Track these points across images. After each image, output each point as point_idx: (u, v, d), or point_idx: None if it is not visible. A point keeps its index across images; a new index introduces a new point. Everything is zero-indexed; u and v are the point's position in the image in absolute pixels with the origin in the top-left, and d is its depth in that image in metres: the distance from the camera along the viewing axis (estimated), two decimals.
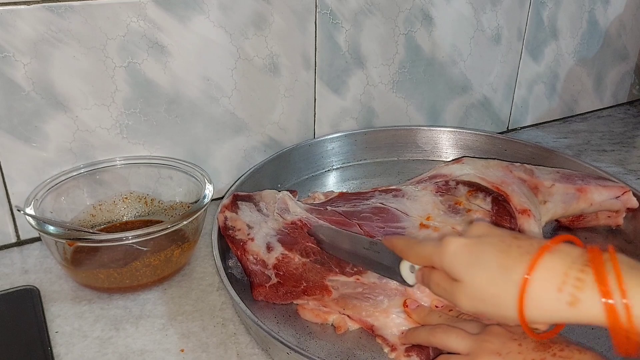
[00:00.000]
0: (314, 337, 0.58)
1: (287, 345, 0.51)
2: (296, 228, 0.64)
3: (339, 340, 0.58)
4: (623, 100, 1.27)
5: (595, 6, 1.10)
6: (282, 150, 0.83)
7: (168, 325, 0.59)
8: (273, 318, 0.60)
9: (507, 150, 0.90)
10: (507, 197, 0.67)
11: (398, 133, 0.92)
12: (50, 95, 0.66)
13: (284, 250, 0.61)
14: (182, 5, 0.70)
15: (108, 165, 0.72)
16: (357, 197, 0.72)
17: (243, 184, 0.75)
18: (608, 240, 0.74)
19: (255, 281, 0.61)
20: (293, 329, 0.59)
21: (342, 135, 0.89)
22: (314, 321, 0.60)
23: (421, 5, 0.89)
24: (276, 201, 0.68)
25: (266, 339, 0.54)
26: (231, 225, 0.65)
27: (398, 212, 0.66)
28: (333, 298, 0.59)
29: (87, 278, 0.63)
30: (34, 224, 0.61)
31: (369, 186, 0.82)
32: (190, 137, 0.77)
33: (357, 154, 0.91)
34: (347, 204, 0.70)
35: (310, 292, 0.59)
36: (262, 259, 0.61)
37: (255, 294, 0.61)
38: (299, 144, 0.85)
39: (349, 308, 0.59)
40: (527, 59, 1.05)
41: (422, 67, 0.94)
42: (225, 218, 0.65)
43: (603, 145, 1.06)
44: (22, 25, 0.62)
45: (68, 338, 0.57)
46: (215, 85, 0.76)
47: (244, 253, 0.62)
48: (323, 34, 0.82)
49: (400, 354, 0.55)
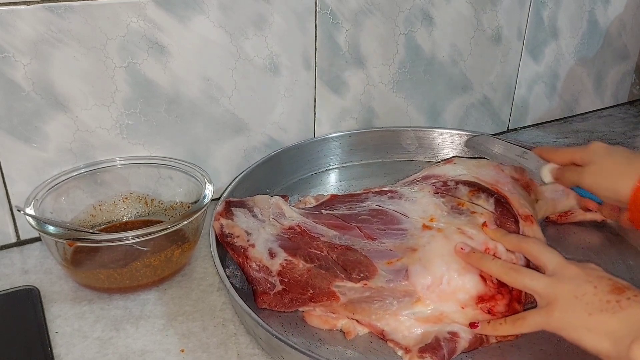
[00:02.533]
0: (325, 344, 0.57)
1: (304, 353, 0.50)
2: (296, 233, 0.63)
3: (350, 346, 0.57)
4: (623, 100, 1.27)
5: (595, 6, 1.10)
6: (273, 153, 0.82)
7: (168, 326, 0.59)
8: (280, 326, 0.59)
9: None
10: (508, 199, 0.67)
11: (385, 134, 0.92)
12: (50, 95, 0.66)
13: (288, 256, 0.60)
14: (182, 5, 0.70)
15: (108, 165, 0.72)
16: (350, 199, 0.70)
17: (235, 189, 0.74)
18: (595, 234, 0.75)
19: (259, 289, 0.59)
20: (302, 336, 0.58)
21: (335, 136, 0.89)
22: (321, 327, 0.59)
23: (421, 5, 0.89)
24: (270, 206, 0.67)
25: (279, 347, 0.52)
26: (229, 232, 0.63)
27: (397, 214, 0.65)
28: (341, 303, 0.58)
29: (87, 278, 0.63)
30: (34, 224, 0.61)
31: (358, 187, 0.81)
32: (190, 137, 0.77)
33: (343, 157, 0.91)
34: (342, 206, 0.69)
35: (317, 299, 0.58)
36: (265, 266, 0.59)
37: (259, 302, 0.59)
38: (288, 146, 0.84)
39: (358, 312, 0.58)
40: (527, 58, 1.05)
41: (422, 67, 0.94)
42: (221, 225, 0.64)
43: None
44: (22, 25, 0.62)
45: (68, 338, 0.57)
46: (215, 85, 0.76)
47: (245, 260, 0.60)
48: (323, 34, 0.82)
49: (414, 356, 0.54)
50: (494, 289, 0.57)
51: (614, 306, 0.47)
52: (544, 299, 0.52)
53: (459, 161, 0.75)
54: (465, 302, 0.57)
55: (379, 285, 0.57)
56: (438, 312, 0.57)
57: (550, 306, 0.51)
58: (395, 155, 0.93)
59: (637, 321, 0.46)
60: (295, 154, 0.85)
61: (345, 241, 0.62)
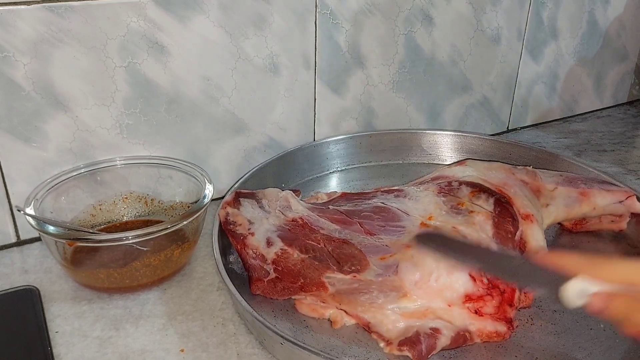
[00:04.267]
0: (311, 331, 0.59)
1: (280, 335, 0.51)
2: (297, 225, 0.65)
3: (335, 335, 0.58)
4: (623, 100, 1.27)
5: (595, 6, 1.10)
6: (287, 151, 0.83)
7: (168, 325, 0.59)
8: (271, 312, 0.61)
9: (512, 154, 0.90)
10: (510, 199, 0.67)
11: (403, 136, 0.93)
12: (50, 95, 0.66)
13: (284, 246, 0.62)
14: (182, 5, 0.70)
15: (108, 165, 0.72)
16: (359, 197, 0.72)
17: (246, 183, 0.75)
18: (611, 245, 0.73)
19: (254, 275, 0.62)
20: (290, 322, 0.60)
21: (347, 137, 0.90)
22: (311, 315, 0.60)
23: (421, 5, 0.89)
24: (278, 199, 0.68)
25: (261, 330, 0.54)
26: (232, 221, 0.65)
27: (399, 211, 0.66)
28: (330, 293, 0.59)
29: (87, 278, 0.63)
30: (34, 224, 0.61)
31: (372, 188, 0.82)
32: (190, 137, 0.77)
33: (361, 157, 0.91)
34: (349, 203, 0.70)
35: (307, 289, 0.60)
36: (261, 254, 0.62)
37: (253, 288, 0.62)
38: (303, 145, 0.86)
39: (345, 303, 0.59)
40: (527, 59, 1.05)
41: (422, 67, 0.94)
42: (227, 214, 0.66)
43: (603, 145, 1.06)
44: (22, 25, 0.62)
45: (68, 338, 0.57)
46: (215, 85, 0.76)
47: (243, 247, 0.63)
48: (323, 34, 0.82)
49: (394, 348, 0.55)
50: (483, 289, 0.57)
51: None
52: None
53: (471, 163, 0.76)
54: (452, 300, 0.57)
55: (368, 278, 0.59)
56: (424, 308, 0.57)
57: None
58: (414, 157, 0.94)
59: None
60: (308, 152, 0.87)
61: (344, 235, 0.64)
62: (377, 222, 0.65)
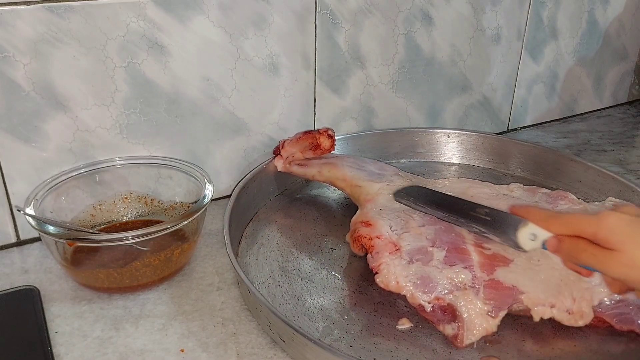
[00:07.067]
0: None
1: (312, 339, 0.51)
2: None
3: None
4: (623, 100, 1.27)
5: (594, 6, 1.10)
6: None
7: (168, 325, 0.59)
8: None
9: (512, 151, 0.90)
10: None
11: (403, 136, 0.93)
12: (50, 95, 0.66)
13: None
14: (182, 5, 0.70)
15: (108, 165, 0.72)
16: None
17: (246, 183, 0.74)
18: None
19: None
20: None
21: (347, 137, 0.89)
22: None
23: (421, 5, 0.89)
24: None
25: (284, 330, 0.54)
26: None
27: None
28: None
29: (87, 278, 0.63)
30: (34, 224, 0.61)
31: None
32: (190, 137, 0.77)
33: (361, 156, 0.90)
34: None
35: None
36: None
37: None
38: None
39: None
40: (526, 59, 1.05)
41: (422, 67, 0.94)
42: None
43: (603, 145, 1.06)
44: (22, 25, 0.62)
45: (68, 338, 0.57)
46: (215, 85, 0.76)
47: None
48: (323, 34, 0.82)
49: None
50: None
51: None
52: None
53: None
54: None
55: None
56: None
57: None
58: (414, 157, 0.94)
59: None
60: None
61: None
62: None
